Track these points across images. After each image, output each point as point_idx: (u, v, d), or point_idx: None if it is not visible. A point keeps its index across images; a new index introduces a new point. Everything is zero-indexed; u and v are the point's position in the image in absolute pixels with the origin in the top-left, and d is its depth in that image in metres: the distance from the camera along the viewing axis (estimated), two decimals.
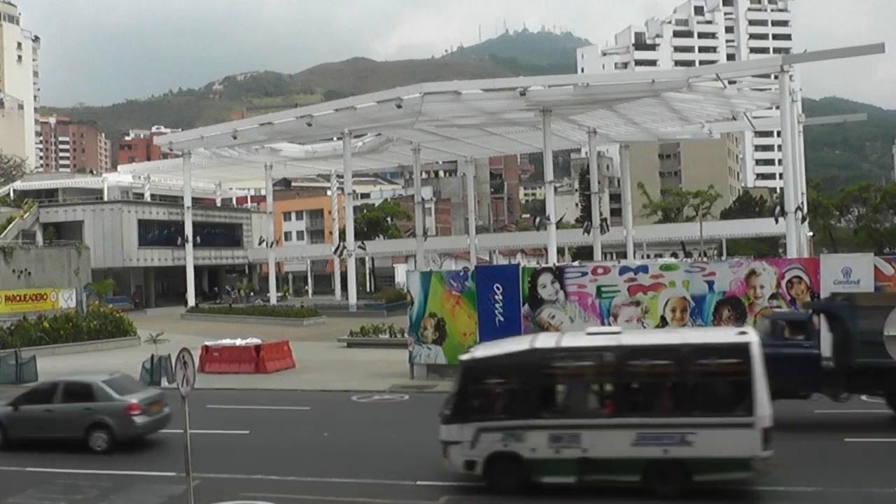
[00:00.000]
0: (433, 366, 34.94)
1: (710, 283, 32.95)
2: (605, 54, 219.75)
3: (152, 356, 37.75)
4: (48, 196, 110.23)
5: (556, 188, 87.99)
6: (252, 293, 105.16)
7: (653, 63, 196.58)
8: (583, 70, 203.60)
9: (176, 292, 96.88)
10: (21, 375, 40.35)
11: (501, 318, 33.69)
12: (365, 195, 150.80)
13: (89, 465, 22.18)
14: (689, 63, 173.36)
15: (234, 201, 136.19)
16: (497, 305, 33.79)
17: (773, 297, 32.74)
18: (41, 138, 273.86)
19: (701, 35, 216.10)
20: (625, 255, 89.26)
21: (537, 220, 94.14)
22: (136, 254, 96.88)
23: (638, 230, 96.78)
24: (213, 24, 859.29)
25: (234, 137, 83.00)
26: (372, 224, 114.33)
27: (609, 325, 32.91)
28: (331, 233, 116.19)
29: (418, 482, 19.36)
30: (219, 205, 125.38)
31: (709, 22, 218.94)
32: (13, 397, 25.63)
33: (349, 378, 37.10)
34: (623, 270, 33.96)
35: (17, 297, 71.43)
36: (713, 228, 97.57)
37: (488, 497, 18.34)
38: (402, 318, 42.02)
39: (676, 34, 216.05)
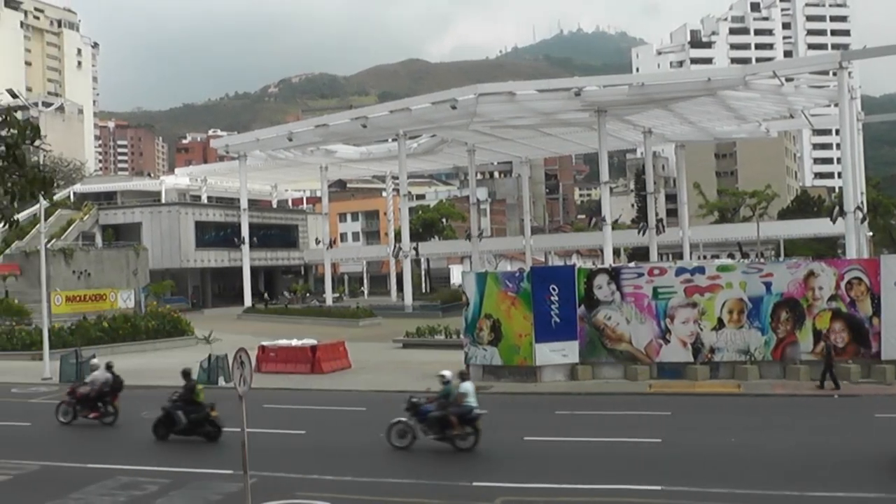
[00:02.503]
0: (489, 367, 34.81)
1: (768, 285, 32.62)
2: (660, 53, 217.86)
3: (209, 356, 38.08)
4: (107, 198, 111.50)
5: (611, 189, 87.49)
6: (308, 294, 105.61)
7: (708, 61, 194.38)
8: (638, 69, 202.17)
9: (232, 293, 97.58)
10: (81, 374, 40.87)
11: (557, 320, 33.56)
12: (420, 196, 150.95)
13: (149, 461, 22.37)
14: (746, 60, 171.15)
15: (290, 203, 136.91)
16: (553, 306, 33.65)
17: (832, 298, 32.36)
18: (100, 142, 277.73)
19: (757, 32, 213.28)
20: (681, 256, 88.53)
21: (593, 220, 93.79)
22: (193, 255, 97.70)
23: (694, 231, 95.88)
24: (268, 27, 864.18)
25: (290, 139, 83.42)
26: (427, 225, 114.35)
27: (666, 326, 32.73)
28: (386, 234, 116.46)
29: (474, 483, 19.26)
30: (274, 206, 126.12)
31: (765, 18, 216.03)
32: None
33: (405, 379, 37.05)
34: (679, 271, 33.73)
35: (78, 298, 72.30)
36: (770, 229, 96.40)
37: (544, 497, 18.21)
38: (458, 318, 41.99)
39: (732, 31, 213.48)
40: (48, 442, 26.50)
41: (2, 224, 13.01)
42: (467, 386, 24.01)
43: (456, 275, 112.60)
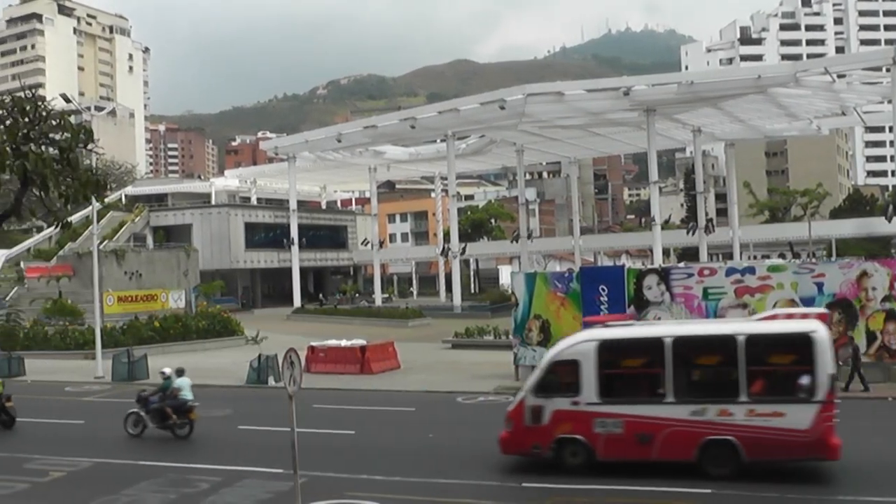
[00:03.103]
0: None
1: (820, 285, 32.20)
2: (709, 51, 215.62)
3: (259, 355, 38.37)
4: (158, 200, 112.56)
5: (660, 188, 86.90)
6: (357, 294, 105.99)
7: (758, 58, 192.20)
8: (687, 68, 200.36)
9: (282, 293, 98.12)
10: (133, 373, 41.36)
11: None
12: (469, 197, 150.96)
13: (200, 459, 22.57)
14: (797, 57, 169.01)
15: (339, 204, 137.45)
16: (602, 307, 33.49)
17: (885, 299, 31.90)
18: (151, 145, 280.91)
19: (808, 28, 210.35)
20: (731, 256, 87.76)
21: (642, 220, 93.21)
22: (242, 256, 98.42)
23: (744, 230, 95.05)
24: (316, 29, 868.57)
25: (339, 141, 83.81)
26: (476, 225, 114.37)
27: None
28: (435, 234, 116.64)
29: (524, 484, 19.24)
30: (324, 207, 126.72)
31: (816, 14, 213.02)
32: None
33: (454, 379, 37.09)
34: (730, 272, 33.38)
35: (129, 298, 73.03)
36: (822, 228, 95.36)
37: (593, 498, 18.13)
38: (507, 319, 41.89)
39: (783, 27, 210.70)
40: (101, 439, 26.80)
41: (56, 226, 13.19)
42: (182, 381, 26.81)
43: (505, 275, 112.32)
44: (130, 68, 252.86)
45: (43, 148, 11.35)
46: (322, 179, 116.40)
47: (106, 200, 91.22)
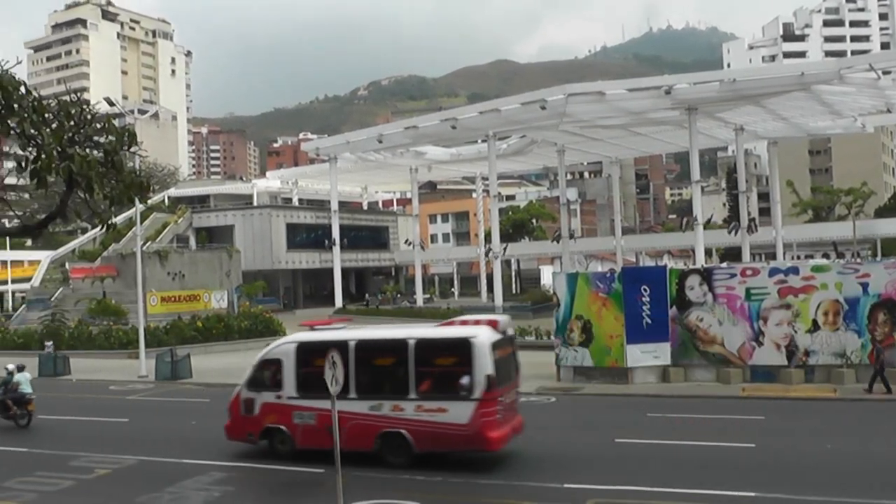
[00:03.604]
0: (580, 368, 34.67)
1: (865, 286, 31.87)
2: (751, 48, 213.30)
3: None
4: (200, 202, 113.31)
5: (702, 188, 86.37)
6: (399, 295, 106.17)
7: (802, 55, 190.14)
8: (729, 65, 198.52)
9: (323, 294, 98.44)
10: (176, 372, 41.71)
11: (649, 321, 33.27)
12: (510, 197, 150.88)
13: (242, 458, 22.70)
14: (841, 53, 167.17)
15: (380, 204, 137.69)
16: (644, 307, 33.36)
17: None
18: (193, 147, 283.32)
19: (853, 24, 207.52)
20: (774, 257, 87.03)
21: (684, 220, 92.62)
22: (284, 256, 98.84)
23: (787, 230, 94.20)
24: (357, 30, 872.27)
25: (380, 141, 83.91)
26: (517, 226, 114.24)
27: (759, 328, 32.19)
28: (476, 235, 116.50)
29: (565, 485, 19.19)
30: (365, 208, 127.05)
31: (861, 9, 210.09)
32: None
33: None
34: (773, 272, 33.11)
35: (172, 298, 73.71)
36: (867, 227, 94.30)
37: (636, 501, 18.06)
38: (548, 319, 41.85)
39: (826, 23, 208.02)
40: (145, 438, 27.03)
41: (100, 227, 13.33)
42: (21, 377, 29.74)
43: (546, 275, 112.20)
44: (173, 72, 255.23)
45: (88, 151, 11.47)
46: (363, 180, 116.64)
47: (149, 202, 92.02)
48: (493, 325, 22.17)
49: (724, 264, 48.11)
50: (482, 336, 21.23)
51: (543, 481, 19.55)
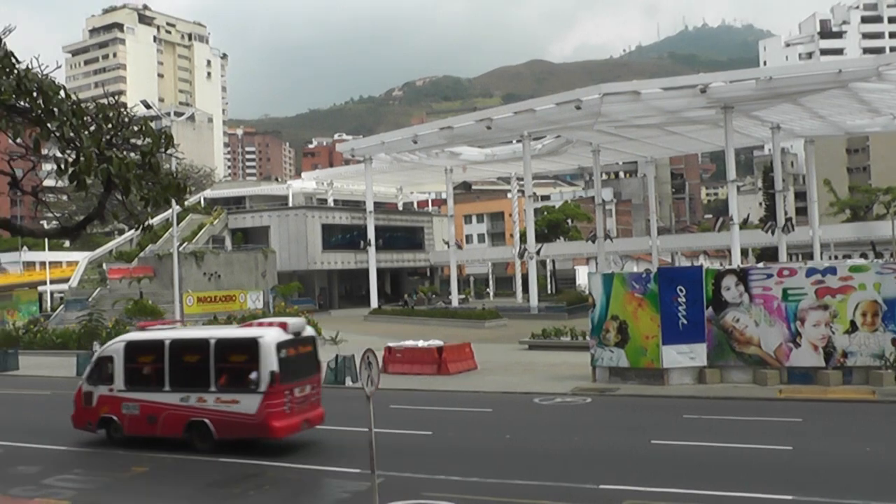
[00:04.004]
0: (615, 369, 34.52)
1: None
2: (788, 45, 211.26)
3: (336, 356, 38.63)
4: (236, 203, 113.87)
5: (738, 187, 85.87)
6: (434, 295, 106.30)
7: (839, 52, 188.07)
8: (765, 63, 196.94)
9: (358, 294, 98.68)
10: None
11: (685, 321, 33.08)
12: (545, 197, 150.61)
13: (279, 458, 22.81)
14: (879, 50, 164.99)
15: (416, 205, 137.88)
16: (680, 308, 33.16)
17: None
18: (229, 149, 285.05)
19: (891, 20, 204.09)
20: (811, 257, 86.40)
21: (720, 220, 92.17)
22: (320, 257, 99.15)
23: (825, 230, 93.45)
24: (392, 31, 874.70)
25: (415, 142, 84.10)
26: (552, 226, 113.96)
27: (796, 329, 31.92)
28: (511, 235, 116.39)
29: (600, 486, 19.14)
30: (400, 209, 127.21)
31: None
32: None
33: (531, 380, 37.03)
34: (810, 272, 32.79)
35: (208, 299, 74.24)
36: None
37: (673, 503, 17.98)
38: (584, 320, 41.71)
39: (864, 20, 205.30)
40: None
41: (138, 228, 13.45)
42: None
43: (582, 276, 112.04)
44: (209, 74, 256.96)
45: (125, 153, 11.59)
46: (398, 181, 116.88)
47: (185, 204, 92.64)
48: (283, 326, 24.72)
49: (761, 264, 47.83)
50: (268, 336, 23.83)
51: (579, 482, 19.49)
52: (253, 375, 23.46)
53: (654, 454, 22.28)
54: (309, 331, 26.36)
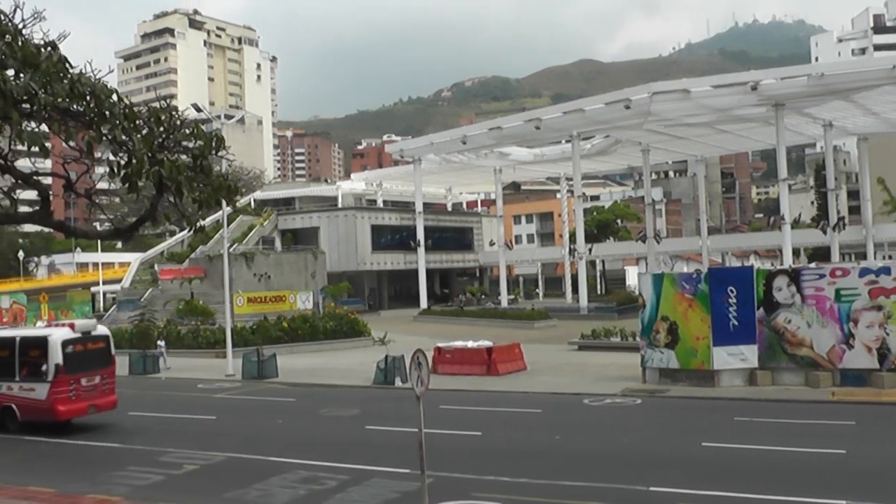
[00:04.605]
0: (666, 370, 34.29)
1: None
2: (840, 41, 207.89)
3: (386, 356, 38.76)
4: (285, 204, 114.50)
5: (790, 186, 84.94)
6: (483, 296, 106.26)
7: (893, 47, 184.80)
8: (817, 59, 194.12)
9: (408, 295, 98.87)
10: (262, 371, 42.28)
11: (735, 322, 32.78)
12: (594, 197, 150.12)
13: (328, 458, 22.89)
14: None
15: (465, 205, 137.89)
16: (731, 309, 32.86)
17: None
18: (278, 151, 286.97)
19: None
20: (864, 256, 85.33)
21: (771, 219, 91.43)
22: (369, 258, 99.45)
23: (879, 229, 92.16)
24: (441, 32, 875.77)
25: (464, 143, 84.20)
26: (602, 226, 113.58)
27: (849, 330, 31.49)
28: (560, 235, 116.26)
29: (651, 488, 19.02)
30: (449, 209, 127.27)
31: None
32: None
33: (580, 381, 36.92)
34: (863, 272, 32.34)
35: (258, 299, 74.73)
36: None
37: None
38: (634, 320, 41.48)
39: None
40: (232, 435, 27.50)
41: (190, 230, 13.59)
42: None
43: (631, 276, 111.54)
44: (258, 77, 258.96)
45: (177, 156, 11.72)
46: (447, 181, 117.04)
47: (236, 205, 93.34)
48: (71, 326, 29.63)
49: (813, 264, 47.26)
50: (56, 335, 28.77)
51: (629, 484, 19.38)
52: (44, 367, 28.25)
53: (705, 457, 22.11)
54: (101, 330, 31.08)
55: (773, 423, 26.66)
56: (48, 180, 16.47)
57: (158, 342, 49.81)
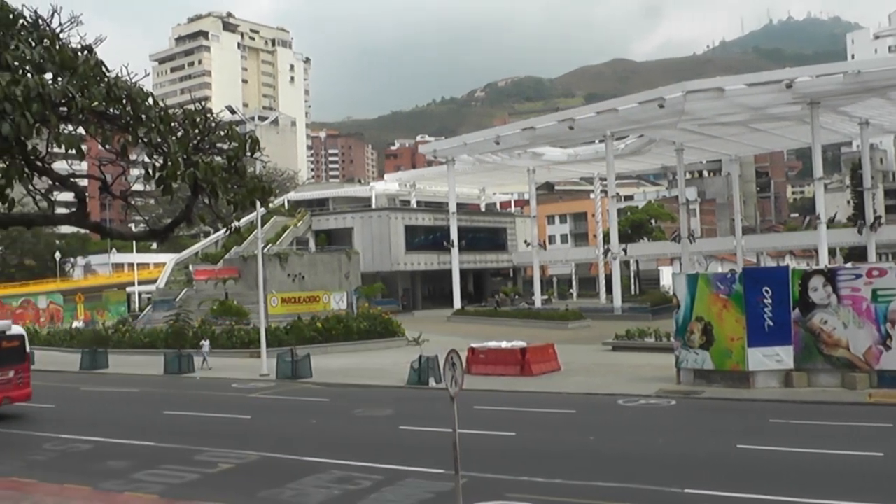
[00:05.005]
0: (700, 371, 34.11)
1: None
2: (877, 37, 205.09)
3: (420, 356, 38.79)
4: (319, 205, 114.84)
5: (825, 185, 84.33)
6: (517, 296, 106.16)
7: None
8: (853, 56, 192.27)
9: (441, 295, 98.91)
10: (296, 371, 42.45)
11: (770, 323, 32.54)
12: (628, 197, 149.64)
13: (362, 458, 22.93)
14: None
15: (498, 206, 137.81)
16: (766, 309, 32.63)
17: None
18: (312, 151, 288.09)
19: None
20: None
21: (807, 219, 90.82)
22: (403, 258, 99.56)
23: None
24: (473, 33, 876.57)
25: (497, 143, 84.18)
26: (636, 226, 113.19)
27: (886, 331, 31.18)
28: (594, 236, 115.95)
29: (685, 490, 18.94)
30: (483, 209, 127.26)
31: None
32: None
33: (615, 382, 36.82)
34: None
35: (292, 299, 75.05)
36: None
37: None
38: (668, 321, 41.31)
39: None
40: (267, 434, 27.62)
41: (225, 230, 13.66)
42: None
43: (665, 276, 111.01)
44: (292, 78, 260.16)
45: (212, 157, 11.81)
46: (481, 182, 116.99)
47: (270, 206, 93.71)
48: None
49: (849, 265, 46.89)
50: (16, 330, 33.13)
51: (663, 485, 19.31)
52: None
53: (740, 459, 21.96)
54: (16, 330, 34.35)
55: (810, 425, 26.48)
56: (84, 182, 16.64)
57: (202, 342, 50.13)
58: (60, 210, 14.64)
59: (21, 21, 10.60)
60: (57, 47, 10.55)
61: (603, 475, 20.41)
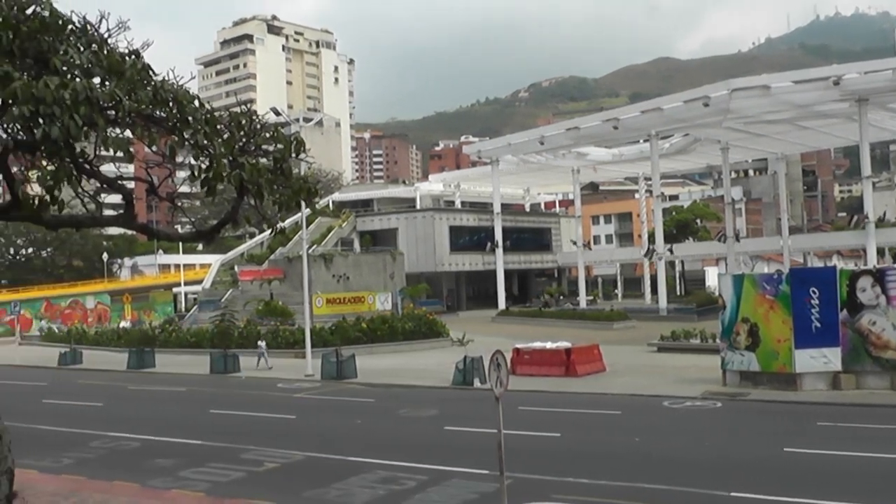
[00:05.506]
0: (746, 373, 33.81)
1: None
2: None
3: (465, 357, 38.79)
4: (364, 206, 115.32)
5: (874, 183, 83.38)
6: (562, 297, 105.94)
7: None
8: None
9: (486, 296, 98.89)
10: (341, 371, 42.64)
11: (818, 324, 32.19)
12: (673, 197, 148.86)
13: (407, 458, 22.96)
14: None
15: (543, 206, 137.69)
16: (813, 310, 32.27)
17: None
18: (356, 152, 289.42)
19: None
20: None
21: (854, 218, 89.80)
22: (447, 259, 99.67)
23: None
24: (517, 32, 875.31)
25: (541, 143, 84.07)
26: (681, 226, 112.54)
27: None
28: (639, 236, 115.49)
29: (732, 493, 18.77)
30: (527, 210, 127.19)
31: None
32: None
33: (660, 383, 36.63)
34: None
35: (337, 300, 75.45)
36: None
37: None
38: (714, 322, 41.03)
39: None
40: (312, 434, 27.76)
41: (271, 231, 13.77)
42: None
43: (711, 277, 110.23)
44: (336, 80, 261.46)
45: (257, 159, 11.93)
46: (525, 182, 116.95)
47: (315, 207, 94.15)
48: None
49: None
50: None
51: (709, 488, 19.16)
52: None
53: (787, 462, 21.75)
54: None
55: (858, 428, 26.19)
56: (132, 184, 16.80)
57: (259, 342, 50.52)
58: (108, 212, 14.80)
59: (70, 27, 10.76)
60: (105, 52, 10.70)
61: (648, 477, 20.30)
